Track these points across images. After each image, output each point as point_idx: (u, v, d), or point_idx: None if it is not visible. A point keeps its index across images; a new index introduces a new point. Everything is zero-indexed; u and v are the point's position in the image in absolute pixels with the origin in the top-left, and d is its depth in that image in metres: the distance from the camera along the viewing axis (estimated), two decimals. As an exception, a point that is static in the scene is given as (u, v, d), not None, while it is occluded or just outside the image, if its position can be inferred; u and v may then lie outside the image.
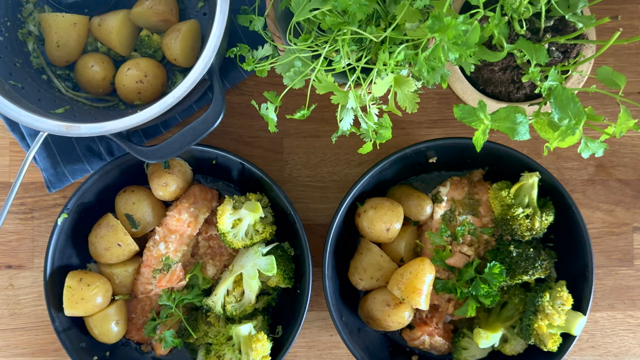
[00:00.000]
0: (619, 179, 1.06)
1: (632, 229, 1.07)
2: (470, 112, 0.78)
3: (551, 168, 1.05)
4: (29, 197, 1.05)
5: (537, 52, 0.80)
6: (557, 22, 0.90)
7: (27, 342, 1.06)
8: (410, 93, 0.77)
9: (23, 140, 1.02)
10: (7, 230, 1.05)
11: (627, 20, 1.05)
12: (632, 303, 1.07)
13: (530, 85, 0.93)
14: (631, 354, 1.07)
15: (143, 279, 0.98)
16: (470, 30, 0.73)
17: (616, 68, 0.79)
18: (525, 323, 0.95)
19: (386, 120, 0.81)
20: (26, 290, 1.06)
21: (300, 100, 0.98)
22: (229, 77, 1.03)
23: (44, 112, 0.90)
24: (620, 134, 0.78)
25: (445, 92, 1.05)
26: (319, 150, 1.06)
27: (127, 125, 0.85)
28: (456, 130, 1.06)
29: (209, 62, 0.84)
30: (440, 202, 0.99)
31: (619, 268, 1.07)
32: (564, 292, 0.94)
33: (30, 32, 0.99)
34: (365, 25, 0.78)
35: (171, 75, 1.00)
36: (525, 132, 0.77)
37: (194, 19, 1.00)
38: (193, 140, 0.86)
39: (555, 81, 0.78)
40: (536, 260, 0.95)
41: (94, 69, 0.98)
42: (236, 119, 1.05)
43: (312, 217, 1.06)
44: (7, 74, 0.94)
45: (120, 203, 0.98)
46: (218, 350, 0.96)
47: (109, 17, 0.97)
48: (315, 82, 0.77)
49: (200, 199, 0.98)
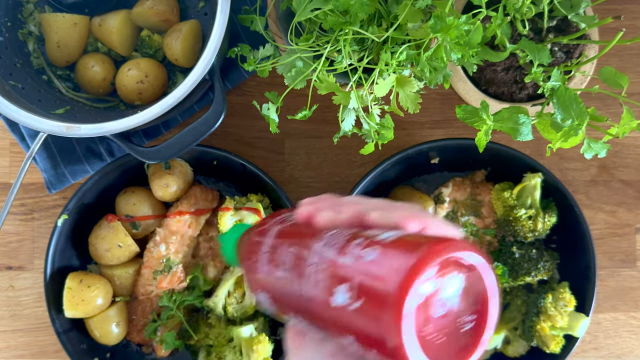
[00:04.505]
0: (622, 180, 1.06)
1: (635, 230, 1.06)
2: (472, 113, 0.78)
3: (554, 169, 1.05)
4: (29, 197, 1.05)
5: (539, 53, 0.80)
6: (559, 22, 0.89)
7: (27, 344, 1.06)
8: (412, 93, 0.77)
9: (23, 141, 1.02)
10: (7, 231, 1.05)
11: (630, 20, 1.04)
12: (634, 304, 1.06)
13: (533, 85, 0.92)
14: (634, 356, 1.07)
15: (144, 281, 0.98)
16: (472, 31, 0.73)
17: (619, 68, 0.79)
18: (527, 324, 0.95)
19: (388, 121, 0.81)
20: (26, 291, 1.05)
21: (302, 100, 0.97)
22: (230, 77, 1.02)
23: (44, 112, 0.90)
24: (623, 135, 0.78)
25: (447, 93, 1.04)
26: (321, 151, 1.05)
27: (127, 126, 0.85)
28: (458, 131, 1.05)
29: (210, 62, 0.84)
30: (443, 203, 0.99)
31: (621, 269, 1.07)
32: (567, 293, 0.94)
33: (31, 32, 0.99)
34: (367, 25, 0.78)
35: (172, 75, 1.00)
36: (527, 132, 0.77)
37: (195, 19, 0.99)
38: (194, 141, 0.86)
39: (557, 81, 0.78)
40: (539, 262, 0.95)
41: (95, 69, 0.97)
42: (237, 120, 1.05)
43: (314, 218, 1.05)
44: (7, 74, 0.94)
45: (121, 204, 0.98)
46: (219, 352, 0.96)
47: (110, 17, 0.97)
48: (316, 83, 0.77)
49: (201, 200, 0.98)
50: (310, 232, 0.52)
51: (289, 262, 0.52)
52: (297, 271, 0.50)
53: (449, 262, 0.43)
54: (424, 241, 0.44)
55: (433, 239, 0.44)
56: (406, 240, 0.45)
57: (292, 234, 0.55)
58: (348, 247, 0.47)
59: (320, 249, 0.49)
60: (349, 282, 0.44)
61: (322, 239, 0.50)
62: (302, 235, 0.52)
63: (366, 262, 0.44)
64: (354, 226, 0.50)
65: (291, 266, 0.51)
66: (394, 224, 0.49)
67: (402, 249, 0.44)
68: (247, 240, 0.59)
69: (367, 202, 0.54)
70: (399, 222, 0.48)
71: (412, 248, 0.43)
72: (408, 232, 0.47)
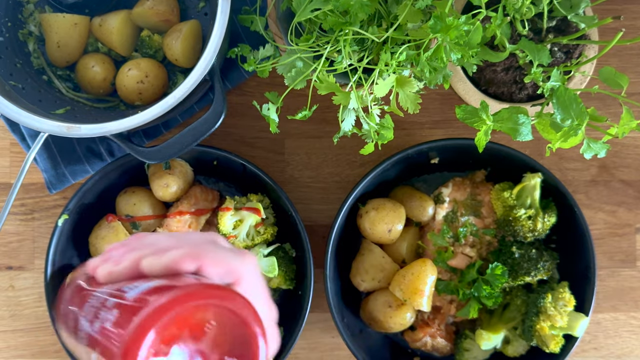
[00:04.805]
0: (622, 180, 1.06)
1: (634, 230, 1.06)
2: (472, 113, 0.78)
3: (553, 169, 1.05)
4: (29, 198, 1.05)
5: (539, 53, 0.80)
6: (559, 23, 0.89)
7: (27, 344, 1.06)
8: (412, 94, 0.77)
9: (24, 141, 1.02)
10: (7, 231, 1.05)
11: (629, 20, 1.04)
12: (634, 304, 1.06)
13: (533, 85, 0.92)
14: (634, 356, 1.07)
15: (144, 280, 0.98)
16: (472, 31, 0.73)
17: (619, 69, 0.79)
18: (527, 324, 0.95)
19: (388, 121, 0.81)
20: (27, 291, 1.05)
21: (302, 100, 0.97)
22: (230, 77, 1.02)
23: (45, 112, 0.90)
24: (623, 135, 0.78)
25: (447, 93, 1.05)
26: (321, 151, 1.05)
27: (128, 126, 0.85)
28: (458, 131, 1.05)
29: (210, 62, 0.84)
30: (443, 203, 0.99)
31: (621, 269, 1.07)
32: (567, 293, 0.94)
33: (31, 32, 0.99)
34: (367, 25, 0.78)
35: (172, 75, 1.00)
36: (527, 132, 0.77)
37: (195, 19, 1.00)
38: (194, 141, 0.86)
39: (557, 82, 0.78)
40: (538, 262, 0.95)
41: (95, 69, 0.97)
42: (237, 120, 1.05)
43: (314, 218, 1.05)
44: (7, 74, 0.94)
45: (121, 204, 0.98)
46: (219, 352, 0.96)
47: (110, 18, 0.97)
48: (316, 83, 0.77)
49: (201, 200, 0.98)
50: (87, 292, 0.51)
51: (69, 329, 0.51)
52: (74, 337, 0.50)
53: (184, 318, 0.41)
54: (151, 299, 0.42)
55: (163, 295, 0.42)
56: (146, 296, 0.43)
57: (74, 295, 0.53)
58: (100, 310, 0.46)
59: (82, 314, 0.48)
60: (96, 349, 0.44)
61: (91, 299, 0.49)
62: (81, 296, 0.51)
63: (104, 330, 0.43)
64: (135, 276, 0.49)
65: (72, 333, 0.51)
66: (167, 269, 0.47)
67: (136, 308, 0.42)
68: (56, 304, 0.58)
69: (157, 243, 0.51)
70: (172, 266, 0.46)
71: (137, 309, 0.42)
72: (167, 281, 0.45)
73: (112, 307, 0.45)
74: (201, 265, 0.47)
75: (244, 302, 0.43)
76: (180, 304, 0.41)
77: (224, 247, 0.50)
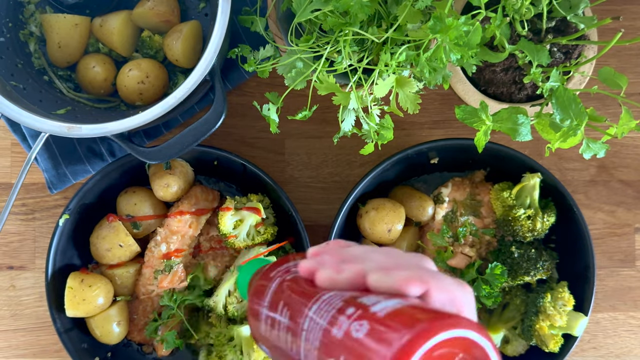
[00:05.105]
0: (621, 180, 1.06)
1: (634, 230, 1.07)
2: (471, 113, 0.78)
3: (553, 169, 1.05)
4: (30, 198, 1.05)
5: (538, 53, 0.80)
6: (558, 23, 0.90)
7: (28, 343, 1.06)
8: (411, 94, 0.77)
9: (24, 141, 1.02)
10: (8, 231, 1.05)
11: (629, 21, 1.05)
12: (633, 304, 1.07)
13: (532, 86, 0.93)
14: (633, 355, 1.07)
15: (144, 280, 0.98)
16: (471, 31, 0.73)
17: (618, 69, 0.79)
18: (526, 324, 0.95)
19: (388, 121, 0.81)
20: (27, 291, 1.06)
21: (302, 101, 0.97)
22: (230, 78, 1.03)
23: (46, 113, 0.90)
24: (622, 135, 0.78)
25: (446, 93, 1.05)
26: (321, 151, 1.06)
27: (128, 126, 0.85)
28: (458, 131, 1.06)
29: (211, 63, 0.84)
30: (442, 203, 0.99)
31: (620, 269, 1.07)
32: (566, 293, 0.94)
33: (32, 33, 0.99)
34: (367, 26, 0.78)
35: (173, 76, 1.00)
36: (526, 133, 0.77)
37: (196, 19, 1.00)
38: (194, 141, 0.86)
39: (556, 82, 0.78)
40: (538, 261, 0.95)
41: (96, 69, 0.98)
42: (238, 120, 1.05)
43: (314, 218, 1.06)
44: (8, 75, 0.94)
45: (122, 204, 0.98)
46: (219, 351, 0.96)
47: (111, 18, 0.97)
48: (316, 83, 0.77)
49: (202, 200, 0.98)
50: (308, 291, 0.51)
51: (284, 323, 0.51)
52: (292, 333, 0.50)
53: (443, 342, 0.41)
54: (422, 317, 0.42)
55: (430, 315, 0.42)
56: (399, 315, 0.43)
57: (291, 290, 0.53)
58: (339, 316, 0.45)
59: (313, 315, 0.48)
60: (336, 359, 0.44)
61: (318, 301, 0.49)
62: (301, 294, 0.52)
63: (354, 339, 0.43)
64: (354, 288, 0.49)
65: (286, 327, 0.51)
66: (392, 289, 0.46)
67: (393, 326, 0.41)
68: (256, 281, 0.58)
69: (370, 257, 0.51)
70: (399, 287, 0.46)
71: (405, 325, 0.41)
72: (406, 302, 0.45)
73: (358, 318, 0.44)
74: (428, 290, 0.46)
75: (489, 338, 0.43)
76: (446, 329, 0.41)
77: (444, 274, 0.50)
